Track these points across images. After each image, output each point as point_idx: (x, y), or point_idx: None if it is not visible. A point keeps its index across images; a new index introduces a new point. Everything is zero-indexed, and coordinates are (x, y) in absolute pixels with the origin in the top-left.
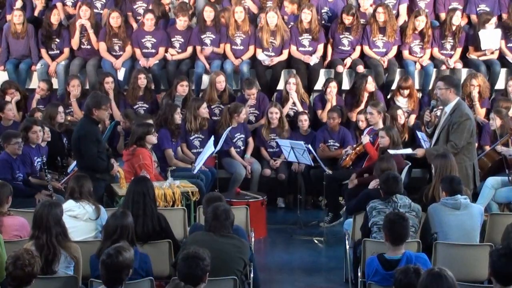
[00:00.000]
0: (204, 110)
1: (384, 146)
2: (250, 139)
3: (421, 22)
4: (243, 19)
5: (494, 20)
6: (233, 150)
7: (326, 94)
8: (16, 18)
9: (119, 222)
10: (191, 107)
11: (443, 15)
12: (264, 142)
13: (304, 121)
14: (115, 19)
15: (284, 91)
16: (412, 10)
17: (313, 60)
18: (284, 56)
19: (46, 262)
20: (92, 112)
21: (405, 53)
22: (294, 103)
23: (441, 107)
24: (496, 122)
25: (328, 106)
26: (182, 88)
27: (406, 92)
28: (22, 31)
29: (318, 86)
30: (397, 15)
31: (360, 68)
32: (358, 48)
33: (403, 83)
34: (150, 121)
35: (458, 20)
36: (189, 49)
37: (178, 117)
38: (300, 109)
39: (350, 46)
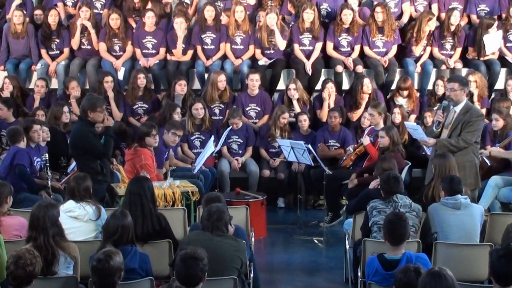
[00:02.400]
0: (195, 111)
1: (384, 146)
2: (250, 148)
3: (432, 26)
4: (243, 19)
5: (496, 23)
6: (224, 149)
7: (323, 94)
8: (16, 18)
9: (120, 222)
10: (189, 107)
11: (443, 15)
12: (266, 143)
13: (304, 121)
14: (114, 21)
15: (286, 96)
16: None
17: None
18: (282, 44)
19: (46, 263)
20: (87, 115)
21: (414, 48)
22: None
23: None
24: (498, 123)
25: (325, 106)
26: (180, 88)
27: (405, 92)
28: (22, 31)
29: (320, 86)
30: (400, 14)
31: (360, 68)
32: (357, 48)
33: (402, 84)
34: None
35: (456, 19)
36: (189, 53)
37: (177, 117)
38: (298, 111)
39: (349, 46)
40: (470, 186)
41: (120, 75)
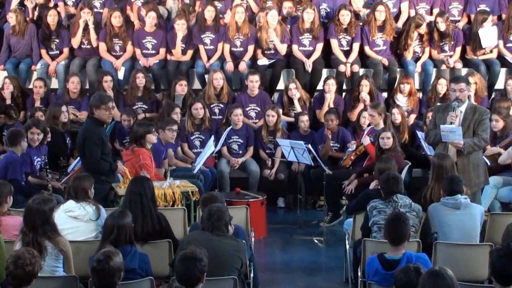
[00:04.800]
0: (195, 111)
1: (389, 147)
2: (251, 148)
3: (422, 30)
4: (243, 20)
5: (491, 18)
6: (224, 149)
7: (324, 91)
8: (11, 20)
9: (116, 222)
10: (188, 107)
11: None
12: (262, 144)
13: (306, 122)
14: (117, 19)
15: (285, 96)
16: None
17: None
18: (283, 49)
19: None
20: (93, 112)
21: (406, 53)
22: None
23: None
24: (498, 124)
25: (326, 104)
26: (181, 88)
27: (407, 87)
28: (22, 30)
29: (321, 85)
30: (398, 13)
31: (356, 68)
32: (355, 47)
33: (404, 79)
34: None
35: (442, 25)
36: (189, 53)
37: (176, 117)
38: (299, 110)
39: (348, 46)
40: (481, 184)
41: (120, 74)
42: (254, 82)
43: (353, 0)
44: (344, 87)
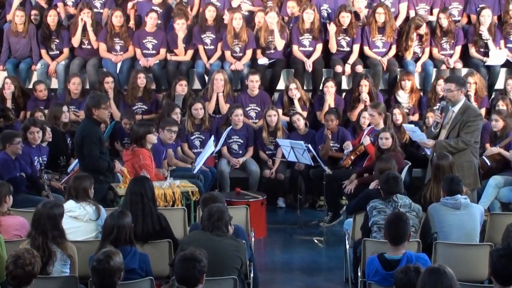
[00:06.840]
0: (195, 111)
1: (388, 147)
2: (251, 149)
3: (422, 31)
4: (241, 27)
5: (490, 12)
6: (224, 149)
7: (324, 93)
8: (17, 18)
9: (116, 222)
10: (188, 107)
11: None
12: (262, 145)
13: (298, 121)
14: (118, 18)
15: (285, 96)
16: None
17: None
18: (281, 44)
19: (41, 263)
20: (92, 112)
21: (406, 54)
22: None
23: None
24: (498, 124)
25: (326, 106)
26: (181, 88)
27: (409, 84)
28: (23, 30)
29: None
30: (397, 14)
31: (359, 68)
32: (355, 48)
33: (405, 75)
34: None
35: (445, 21)
36: (189, 53)
37: (176, 117)
38: (299, 110)
39: (348, 46)
40: (469, 186)
41: (119, 66)
42: (254, 82)
43: (355, 0)
44: (344, 87)
